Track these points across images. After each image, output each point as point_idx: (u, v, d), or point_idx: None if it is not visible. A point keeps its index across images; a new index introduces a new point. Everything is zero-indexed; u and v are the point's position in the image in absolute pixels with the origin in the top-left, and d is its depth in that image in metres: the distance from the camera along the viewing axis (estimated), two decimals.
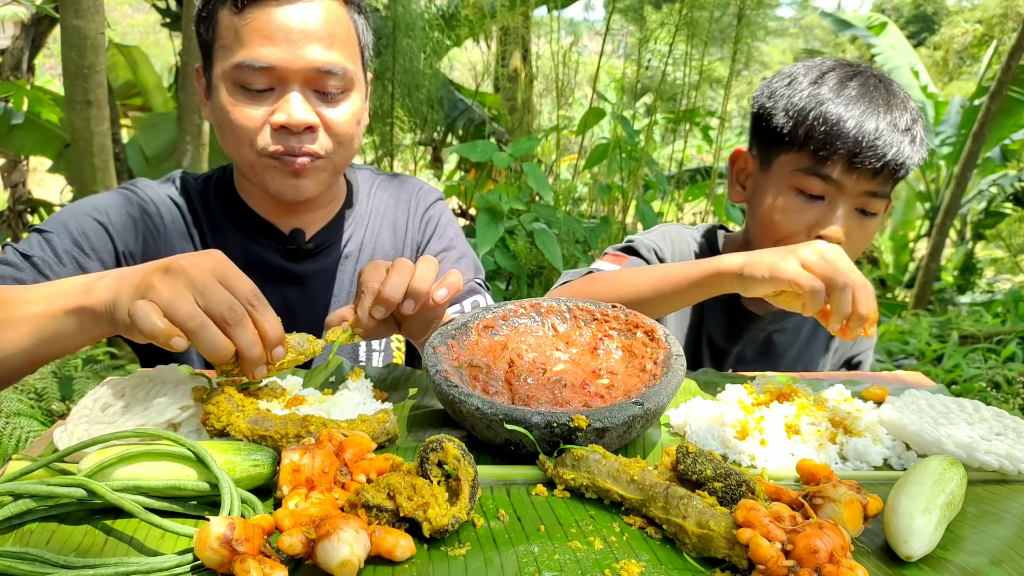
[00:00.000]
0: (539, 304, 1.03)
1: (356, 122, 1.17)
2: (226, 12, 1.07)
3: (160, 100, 5.26)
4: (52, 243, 1.10)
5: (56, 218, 1.15)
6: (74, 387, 2.66)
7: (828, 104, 1.18)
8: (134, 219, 1.18)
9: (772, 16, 3.95)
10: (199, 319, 0.74)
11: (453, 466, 0.66)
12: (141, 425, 0.77)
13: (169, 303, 0.74)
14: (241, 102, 1.08)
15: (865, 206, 1.20)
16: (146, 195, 1.21)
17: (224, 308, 0.75)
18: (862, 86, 1.21)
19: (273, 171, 1.12)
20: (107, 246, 1.14)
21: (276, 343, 0.80)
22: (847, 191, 1.18)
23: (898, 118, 1.18)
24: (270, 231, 1.25)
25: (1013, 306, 5.42)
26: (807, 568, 0.57)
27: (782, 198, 1.23)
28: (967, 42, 9.95)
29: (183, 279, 0.75)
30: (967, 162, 5.41)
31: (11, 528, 0.64)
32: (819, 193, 1.20)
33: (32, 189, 5.14)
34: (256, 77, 1.07)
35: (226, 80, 1.09)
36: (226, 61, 1.08)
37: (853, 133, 1.16)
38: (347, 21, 1.12)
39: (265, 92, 1.08)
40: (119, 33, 10.63)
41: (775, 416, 0.88)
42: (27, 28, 4.52)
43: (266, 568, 0.55)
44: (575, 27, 7.44)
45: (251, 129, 1.09)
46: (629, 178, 3.88)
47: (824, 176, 1.18)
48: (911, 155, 1.18)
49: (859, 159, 1.15)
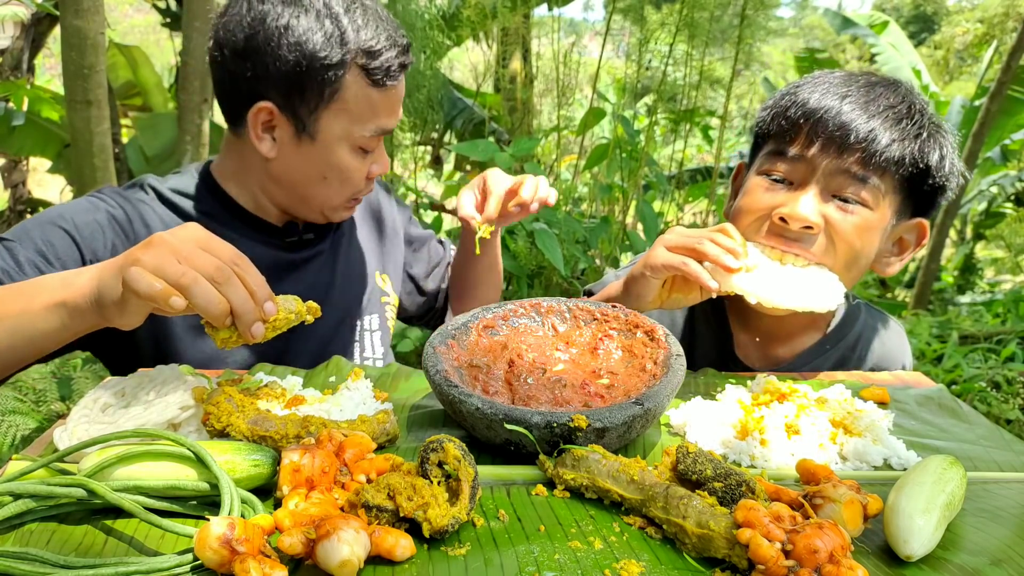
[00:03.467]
0: (539, 304, 1.03)
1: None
2: (359, 81, 1.15)
3: (160, 100, 5.26)
4: (14, 252, 1.07)
5: (21, 227, 1.13)
6: (74, 387, 2.65)
7: (801, 91, 1.13)
8: (101, 226, 1.16)
9: (772, 16, 3.94)
10: (191, 275, 0.76)
11: (453, 466, 0.66)
12: (141, 425, 0.77)
13: (158, 267, 0.76)
14: (358, 162, 1.21)
15: (840, 191, 1.08)
16: (113, 201, 1.20)
17: (212, 268, 0.78)
18: (848, 76, 1.15)
19: (344, 209, 1.28)
20: (73, 255, 1.12)
21: (265, 298, 0.83)
22: (814, 168, 1.08)
23: (877, 98, 1.10)
24: (263, 226, 1.28)
25: (1013, 306, 5.41)
26: (807, 568, 0.57)
27: (750, 185, 1.17)
28: (967, 42, 9.95)
29: (166, 248, 0.78)
30: (967, 162, 5.41)
31: (11, 528, 0.64)
32: (784, 175, 1.12)
33: (32, 189, 5.15)
34: (375, 140, 1.21)
35: (350, 141, 1.19)
36: (354, 125, 1.17)
37: (816, 104, 1.09)
38: None
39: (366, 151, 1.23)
40: (119, 33, 10.63)
41: (775, 416, 0.88)
42: (27, 28, 4.52)
43: (266, 568, 0.56)
44: (575, 27, 7.44)
45: (361, 180, 1.24)
46: (629, 178, 3.88)
47: (790, 155, 1.10)
48: (890, 137, 1.06)
49: (819, 128, 1.07)
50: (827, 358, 1.26)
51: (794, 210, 1.07)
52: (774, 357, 1.26)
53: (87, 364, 2.98)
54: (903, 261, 1.20)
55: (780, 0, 11.66)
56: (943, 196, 1.15)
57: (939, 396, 1.04)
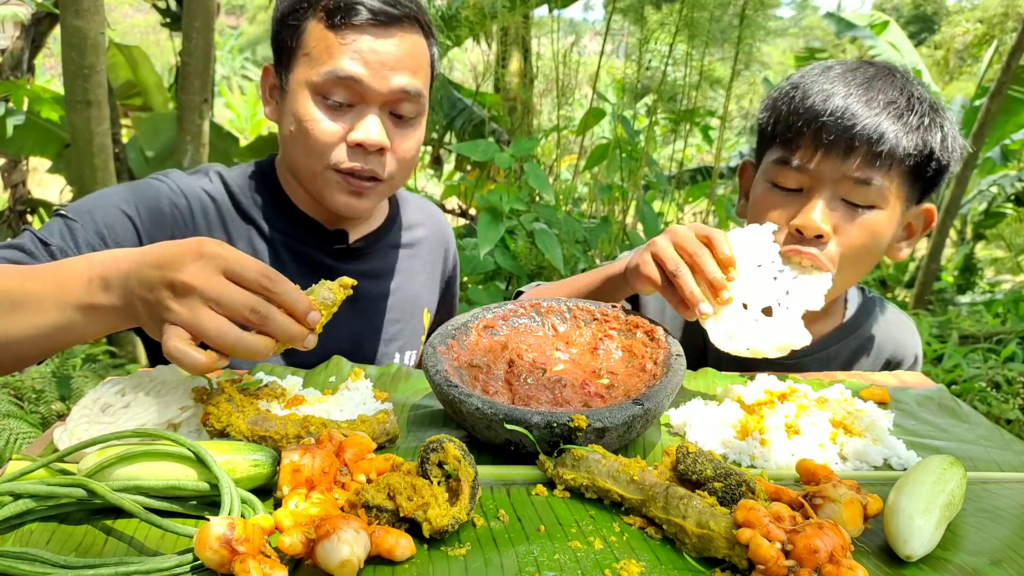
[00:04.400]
0: (539, 304, 1.03)
1: (418, 147, 1.22)
2: (318, 25, 1.10)
3: (160, 100, 5.26)
4: (75, 232, 1.06)
5: (83, 205, 1.11)
6: (73, 387, 2.65)
7: (801, 88, 1.12)
8: (163, 213, 1.15)
9: (772, 16, 3.94)
10: (232, 334, 0.73)
11: (453, 466, 0.66)
12: (141, 425, 0.77)
13: (195, 326, 0.72)
14: (321, 114, 1.11)
15: (849, 196, 1.09)
16: (177, 187, 1.19)
17: (247, 311, 0.74)
18: (846, 69, 1.13)
19: (336, 186, 1.15)
20: (132, 240, 1.11)
21: (307, 311, 0.78)
22: (822, 178, 1.09)
23: (877, 93, 1.09)
24: (315, 228, 1.26)
25: (1013, 306, 5.41)
26: (807, 568, 0.57)
27: (761, 195, 1.17)
28: (967, 42, 9.95)
29: (195, 296, 0.73)
30: (967, 162, 5.41)
31: (11, 528, 0.64)
32: (794, 185, 1.12)
33: (32, 189, 5.14)
34: (341, 89, 1.09)
35: (309, 88, 1.11)
36: (312, 69, 1.10)
37: (816, 108, 1.08)
38: (426, 53, 1.17)
39: (344, 108, 1.11)
40: (119, 33, 10.63)
41: (775, 416, 0.88)
42: (27, 28, 4.52)
43: (266, 568, 0.56)
44: (575, 27, 7.44)
45: (327, 143, 1.11)
46: (629, 178, 3.88)
47: (795, 165, 1.11)
48: (896, 133, 1.06)
49: (823, 135, 1.07)
50: (845, 345, 1.29)
51: (805, 221, 1.08)
52: None
53: (87, 364, 2.98)
54: (911, 245, 1.22)
55: (780, 0, 11.66)
56: (948, 173, 1.16)
57: (939, 396, 1.04)
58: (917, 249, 7.33)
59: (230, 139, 4.93)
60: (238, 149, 4.98)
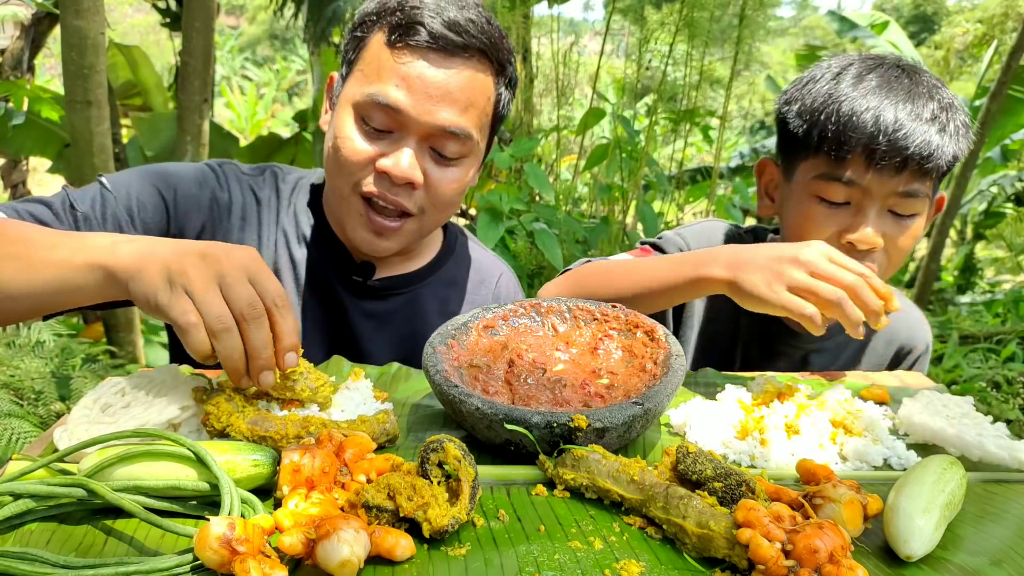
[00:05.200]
0: (539, 304, 1.03)
1: (460, 190, 1.14)
2: (379, 41, 1.05)
3: (160, 100, 5.26)
4: (107, 203, 1.06)
5: (124, 177, 1.11)
6: (73, 387, 2.65)
7: (842, 101, 1.11)
8: (200, 204, 1.14)
9: (772, 16, 3.94)
10: (226, 322, 0.74)
11: (453, 466, 0.66)
12: (141, 425, 0.76)
13: (202, 298, 0.74)
14: (357, 134, 1.06)
15: (896, 207, 1.12)
16: (226, 181, 1.18)
17: (244, 304, 0.75)
18: (880, 78, 1.13)
19: (358, 219, 1.10)
20: (160, 224, 1.10)
21: (289, 348, 0.79)
22: (872, 193, 1.10)
23: (922, 108, 1.09)
24: (342, 255, 1.20)
25: (1013, 306, 5.41)
26: (807, 568, 0.57)
27: (806, 208, 1.17)
28: (967, 42, 9.95)
29: (215, 269, 0.75)
30: (967, 162, 5.41)
31: (11, 528, 0.64)
32: (842, 200, 1.13)
33: (32, 189, 5.14)
34: (380, 114, 1.04)
35: (352, 105, 1.06)
36: (359, 88, 1.05)
37: (869, 128, 1.08)
38: (490, 93, 1.10)
39: (383, 133, 1.06)
40: (119, 33, 10.63)
41: (775, 416, 0.88)
42: (27, 28, 4.52)
43: (266, 568, 0.55)
44: (575, 27, 7.44)
45: (356, 163, 1.06)
46: (629, 178, 3.88)
47: (844, 180, 1.11)
48: (940, 146, 1.08)
49: (877, 155, 1.08)
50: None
51: (862, 236, 1.11)
52: None
53: (87, 364, 2.98)
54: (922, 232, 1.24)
55: (780, 0, 11.67)
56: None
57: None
58: (917, 249, 7.33)
59: (230, 139, 4.94)
60: (238, 149, 4.98)
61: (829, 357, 1.34)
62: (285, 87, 16.15)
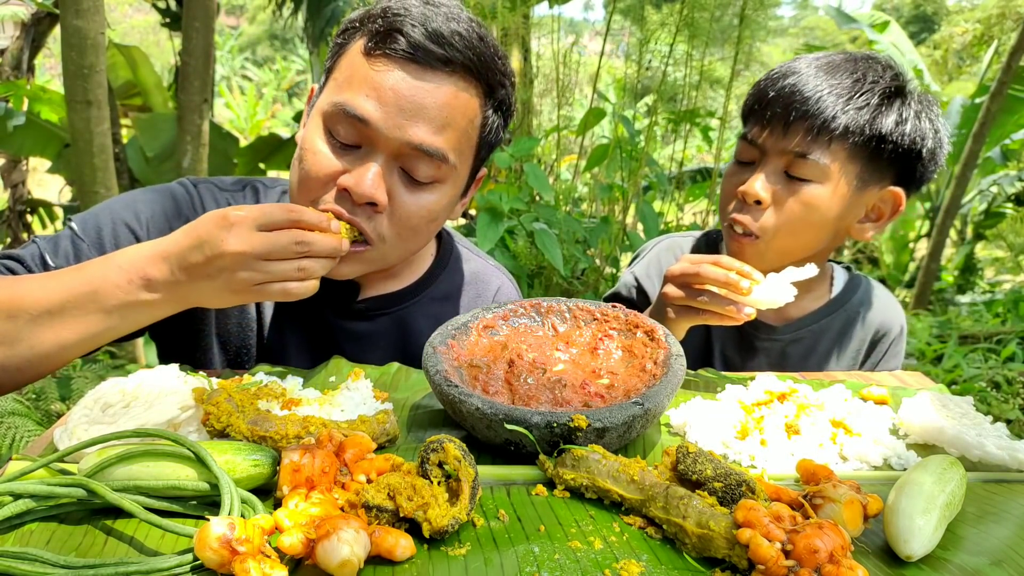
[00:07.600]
0: (539, 304, 1.03)
1: (429, 218, 1.03)
2: (358, 48, 0.98)
3: (160, 100, 5.26)
4: (80, 253, 1.02)
5: (92, 220, 1.07)
6: (73, 387, 2.65)
7: (786, 76, 1.19)
8: (169, 228, 1.07)
9: (772, 16, 3.95)
10: (305, 264, 0.87)
11: (453, 466, 0.66)
12: (141, 425, 0.77)
13: (270, 278, 0.86)
14: (324, 146, 0.98)
15: (791, 169, 1.17)
16: (200, 200, 1.13)
17: (292, 246, 0.86)
18: (826, 57, 1.20)
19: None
20: None
21: (329, 226, 0.90)
22: (769, 150, 1.19)
23: (839, 80, 1.15)
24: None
25: (1013, 306, 5.41)
26: (807, 568, 0.57)
27: (727, 170, 1.29)
28: (967, 41, 9.95)
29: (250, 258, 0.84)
30: (967, 162, 5.41)
31: (11, 528, 0.64)
32: (749, 159, 1.23)
33: (32, 189, 5.14)
34: (347, 127, 0.96)
35: (322, 116, 0.99)
36: (330, 96, 0.98)
37: (766, 87, 1.19)
38: (473, 114, 1.01)
39: (350, 148, 0.97)
40: (119, 33, 10.64)
41: (775, 416, 0.88)
42: (27, 28, 4.52)
43: (266, 568, 0.56)
44: (575, 27, 7.44)
45: (318, 180, 0.97)
46: (629, 178, 3.88)
47: (748, 139, 1.22)
48: (834, 115, 1.12)
49: (768, 114, 1.17)
50: (835, 318, 1.37)
51: (746, 188, 1.20)
52: (784, 313, 1.35)
53: (87, 364, 2.98)
54: (879, 228, 1.26)
55: (780, 0, 11.67)
56: (923, 162, 1.19)
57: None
58: (917, 249, 7.33)
59: (230, 139, 4.94)
60: (238, 149, 4.98)
61: (807, 347, 1.38)
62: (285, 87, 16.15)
